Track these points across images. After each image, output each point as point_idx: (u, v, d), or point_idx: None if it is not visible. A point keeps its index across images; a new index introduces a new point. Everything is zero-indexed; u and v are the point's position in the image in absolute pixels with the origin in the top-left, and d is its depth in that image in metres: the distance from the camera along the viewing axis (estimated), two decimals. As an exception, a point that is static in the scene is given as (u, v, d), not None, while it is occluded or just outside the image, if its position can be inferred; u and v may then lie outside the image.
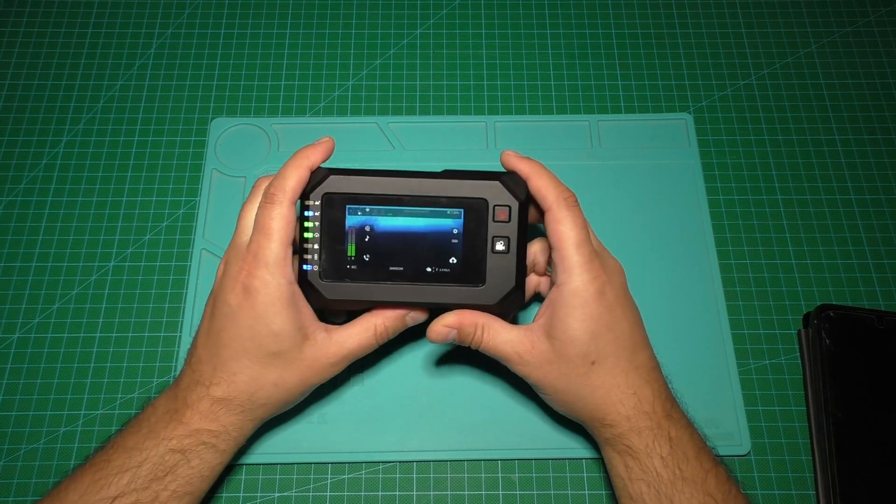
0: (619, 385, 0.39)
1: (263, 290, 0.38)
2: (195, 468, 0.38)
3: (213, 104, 0.58)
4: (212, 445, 0.39)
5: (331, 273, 0.42)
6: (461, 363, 0.48)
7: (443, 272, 0.42)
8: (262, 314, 0.38)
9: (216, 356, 0.39)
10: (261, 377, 0.39)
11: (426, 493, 0.45)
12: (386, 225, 0.42)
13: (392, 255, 0.42)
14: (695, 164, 0.55)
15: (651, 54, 0.60)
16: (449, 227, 0.42)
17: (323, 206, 0.41)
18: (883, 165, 0.56)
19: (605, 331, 0.39)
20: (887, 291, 0.51)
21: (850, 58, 0.60)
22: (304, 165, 0.40)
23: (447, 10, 0.62)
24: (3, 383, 0.48)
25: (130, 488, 0.37)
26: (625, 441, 0.39)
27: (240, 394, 0.39)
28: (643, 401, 0.39)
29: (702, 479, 0.37)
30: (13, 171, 0.55)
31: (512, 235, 0.42)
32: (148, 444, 0.38)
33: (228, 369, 0.39)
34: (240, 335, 0.39)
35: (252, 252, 0.39)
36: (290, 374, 0.40)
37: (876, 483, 0.44)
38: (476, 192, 0.41)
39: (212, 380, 0.39)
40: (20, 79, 0.59)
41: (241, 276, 0.39)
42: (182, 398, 0.39)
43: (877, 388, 0.46)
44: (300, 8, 0.62)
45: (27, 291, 0.51)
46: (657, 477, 0.38)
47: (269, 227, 0.38)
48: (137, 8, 0.62)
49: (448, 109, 0.58)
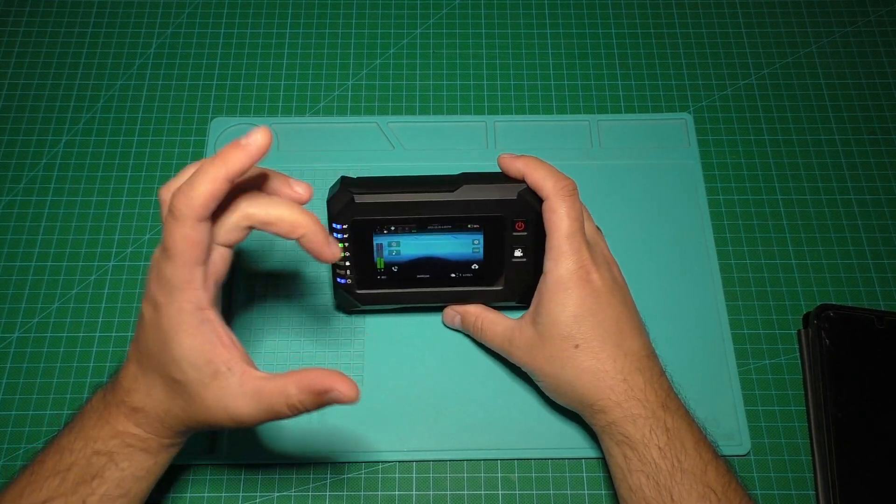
0: (608, 370, 0.40)
1: (167, 308, 0.33)
2: (126, 470, 0.36)
3: (213, 104, 0.58)
4: (140, 448, 0.36)
5: (364, 284, 0.46)
6: (461, 363, 0.48)
7: (466, 277, 0.46)
8: (166, 335, 0.33)
9: (140, 361, 0.36)
10: (169, 401, 0.35)
11: (426, 492, 0.45)
12: (411, 242, 0.44)
13: (418, 267, 0.45)
14: (695, 164, 0.55)
15: (651, 54, 0.60)
16: (470, 240, 0.45)
17: (350, 230, 0.43)
18: (883, 165, 0.56)
19: (588, 315, 0.40)
20: (887, 291, 0.51)
21: (850, 58, 0.60)
22: (220, 176, 0.32)
23: (447, 10, 0.62)
24: (2, 383, 0.48)
25: (59, 492, 0.35)
26: (620, 430, 0.39)
27: (154, 407, 0.36)
28: (634, 388, 0.39)
29: (701, 470, 0.37)
30: (13, 171, 0.55)
31: (529, 243, 0.44)
32: (77, 445, 0.36)
33: (147, 380, 0.35)
34: (149, 352, 0.35)
35: (155, 270, 0.34)
36: (196, 411, 0.35)
37: (875, 483, 0.44)
38: (495, 210, 0.43)
39: (132, 385, 0.36)
40: (20, 78, 0.59)
41: (150, 291, 0.34)
42: (109, 398, 0.37)
43: (877, 388, 0.46)
44: (300, 8, 0.62)
45: (27, 291, 0.51)
46: (655, 468, 0.37)
47: (170, 248, 0.33)
48: (137, 8, 0.62)
49: (448, 109, 0.58)
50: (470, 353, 0.49)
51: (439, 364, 0.48)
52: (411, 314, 0.50)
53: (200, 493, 0.45)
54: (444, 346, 0.49)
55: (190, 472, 0.46)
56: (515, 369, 0.48)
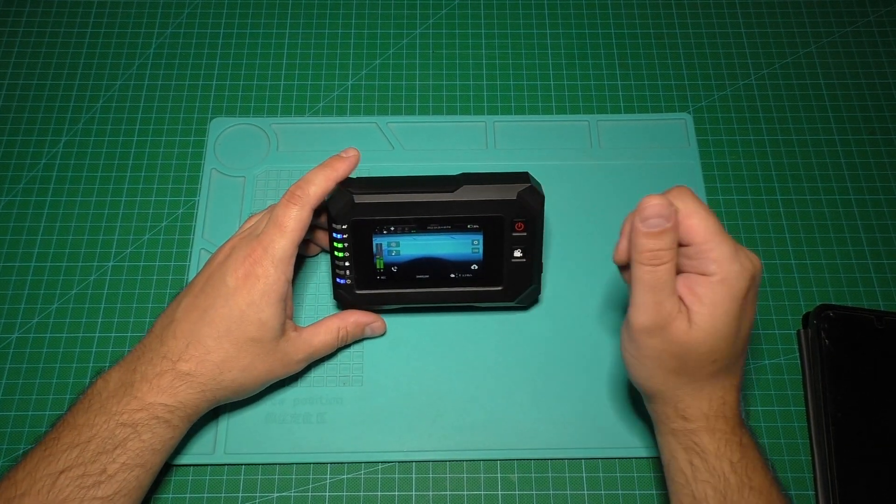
0: (715, 385, 0.38)
1: (264, 279, 0.40)
2: (146, 442, 0.39)
3: (213, 104, 0.58)
4: (165, 420, 0.39)
5: (363, 284, 0.46)
6: (461, 363, 0.48)
7: (465, 277, 0.46)
8: (256, 301, 0.40)
9: (194, 332, 0.40)
10: (233, 360, 0.41)
11: (425, 493, 0.45)
12: (411, 243, 0.44)
13: (417, 267, 0.45)
14: (694, 164, 0.55)
15: (651, 54, 0.60)
16: (469, 240, 0.44)
17: (350, 230, 0.43)
18: (883, 165, 0.56)
19: (735, 335, 0.36)
20: (887, 291, 0.51)
21: (850, 58, 0.60)
22: (331, 178, 0.42)
23: (447, 10, 0.62)
24: (2, 383, 0.48)
25: (78, 462, 0.37)
26: (694, 438, 0.38)
27: (206, 371, 0.40)
28: (727, 405, 0.38)
29: (767, 490, 0.37)
30: (12, 171, 0.55)
31: (528, 244, 0.44)
32: (98, 420, 0.38)
33: (203, 346, 0.40)
34: (229, 315, 0.40)
35: (262, 243, 0.40)
36: (261, 363, 0.42)
37: (875, 483, 0.44)
38: (495, 210, 0.43)
39: (182, 355, 0.40)
40: (20, 78, 0.59)
41: (246, 262, 0.40)
42: (141, 372, 0.40)
43: (876, 389, 0.46)
44: (300, 8, 0.62)
45: (26, 291, 0.51)
46: (725, 481, 0.36)
47: (285, 225, 0.40)
48: (137, 8, 0.62)
49: (447, 109, 0.58)
50: (470, 353, 0.49)
51: (439, 364, 0.48)
52: (411, 315, 0.50)
53: (200, 493, 0.45)
54: (444, 346, 0.49)
55: (190, 473, 0.46)
56: (515, 369, 0.48)
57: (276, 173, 0.54)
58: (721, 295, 0.35)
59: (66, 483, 0.36)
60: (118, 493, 0.38)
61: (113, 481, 0.37)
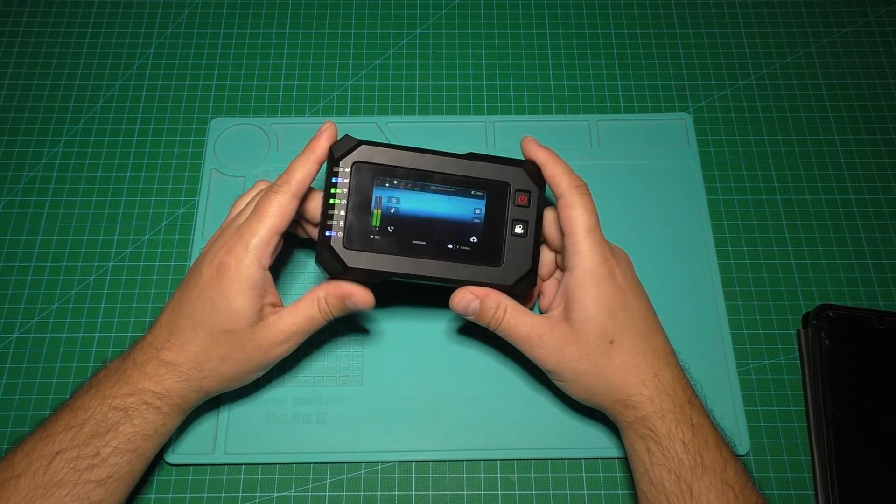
0: (639, 366, 0.40)
1: (235, 267, 0.40)
2: (138, 427, 0.39)
3: (213, 104, 0.58)
4: (155, 407, 0.40)
5: (354, 241, 0.42)
6: (461, 363, 0.48)
7: (463, 250, 0.44)
8: (226, 290, 0.40)
9: (175, 322, 0.41)
10: (209, 350, 0.41)
11: (425, 493, 0.45)
12: (412, 199, 0.43)
13: (416, 228, 0.43)
14: (694, 164, 0.55)
15: (651, 54, 0.60)
16: (472, 207, 0.44)
17: (352, 174, 0.42)
18: (883, 165, 0.56)
19: (620, 310, 0.40)
20: (887, 291, 0.51)
21: (850, 58, 0.60)
22: (311, 159, 0.41)
23: (447, 10, 0.62)
24: (2, 383, 0.48)
25: (72, 444, 0.38)
26: (648, 424, 0.39)
27: (187, 361, 0.40)
28: (664, 383, 0.40)
29: (721, 467, 0.38)
30: (12, 171, 0.55)
31: (530, 220, 0.44)
32: (93, 403, 0.39)
33: (183, 337, 0.40)
34: (202, 306, 0.40)
35: (239, 231, 0.41)
36: (239, 352, 0.41)
37: (875, 483, 0.44)
38: (499, 176, 0.44)
39: (164, 344, 0.41)
40: (20, 78, 0.59)
41: (220, 252, 0.41)
42: (132, 359, 0.41)
43: (876, 389, 0.46)
44: (300, 8, 0.62)
45: (26, 291, 0.51)
46: (678, 462, 0.38)
47: (264, 212, 0.40)
48: (137, 8, 0.62)
49: (447, 109, 0.58)
50: (470, 353, 0.49)
51: (439, 364, 0.48)
52: (411, 315, 0.50)
53: (200, 493, 0.45)
54: (444, 346, 0.49)
55: (190, 472, 0.46)
56: (514, 369, 0.48)
57: (276, 173, 0.54)
58: (584, 282, 0.40)
59: (60, 465, 0.37)
60: (111, 476, 0.38)
61: (106, 465, 0.38)
